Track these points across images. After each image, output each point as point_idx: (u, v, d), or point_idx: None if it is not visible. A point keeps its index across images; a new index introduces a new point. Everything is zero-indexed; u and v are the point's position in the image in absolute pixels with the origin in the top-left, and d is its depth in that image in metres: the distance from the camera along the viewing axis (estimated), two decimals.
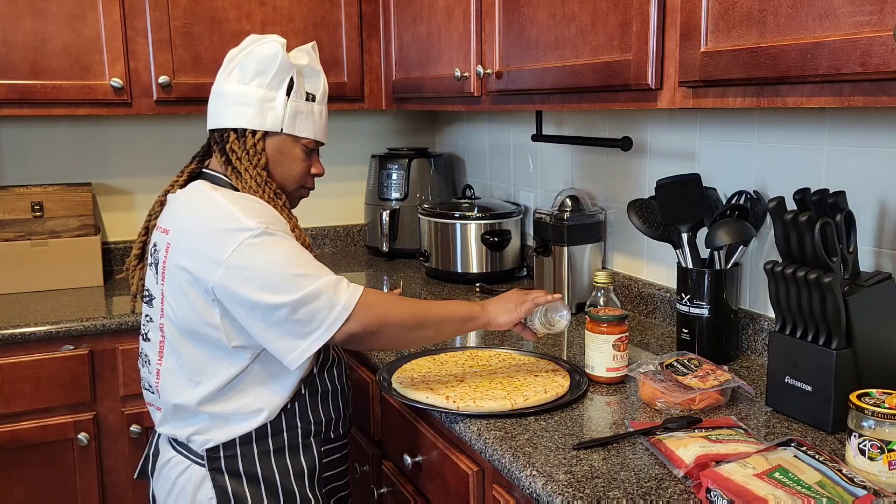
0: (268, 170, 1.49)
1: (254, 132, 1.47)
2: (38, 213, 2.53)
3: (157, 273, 1.46)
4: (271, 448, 1.46)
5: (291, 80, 1.48)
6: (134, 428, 2.23)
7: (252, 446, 1.45)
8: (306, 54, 1.54)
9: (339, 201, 3.15)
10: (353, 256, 3.01)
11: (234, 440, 1.43)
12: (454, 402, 1.46)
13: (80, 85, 2.34)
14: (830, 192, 1.40)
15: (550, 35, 1.74)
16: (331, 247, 3.14)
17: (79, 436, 2.18)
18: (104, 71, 2.36)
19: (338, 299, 1.33)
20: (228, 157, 1.47)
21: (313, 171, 1.58)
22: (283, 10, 2.55)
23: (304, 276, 1.33)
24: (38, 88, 2.30)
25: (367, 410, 1.92)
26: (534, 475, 1.22)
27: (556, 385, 1.53)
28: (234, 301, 1.33)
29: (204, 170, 1.54)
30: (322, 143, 1.58)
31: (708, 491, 1.10)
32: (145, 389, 1.54)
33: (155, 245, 1.48)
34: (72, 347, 2.16)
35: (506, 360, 1.70)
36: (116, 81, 2.34)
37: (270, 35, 1.50)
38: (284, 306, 1.30)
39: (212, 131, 1.52)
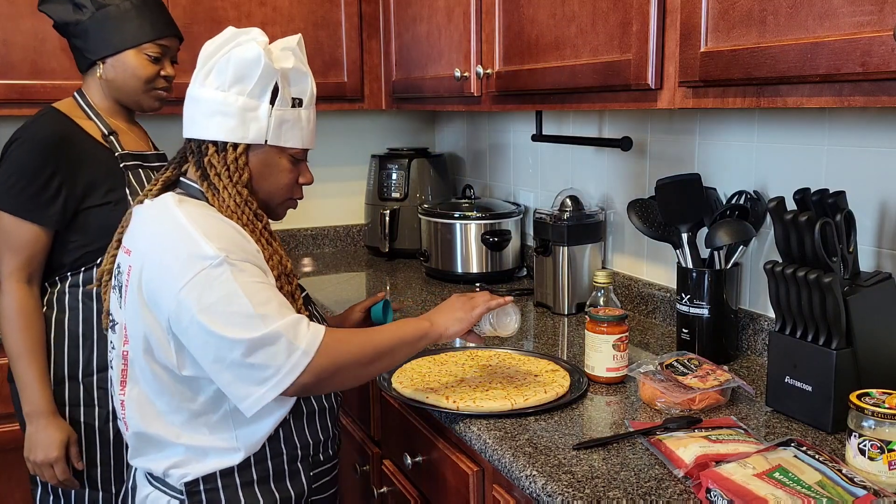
0: (251, 186, 1.37)
1: (235, 146, 1.34)
2: None
3: (120, 297, 1.36)
4: (255, 478, 1.36)
5: (276, 86, 1.34)
6: None
7: (234, 478, 1.35)
8: (292, 54, 1.37)
9: (339, 201, 3.15)
10: (353, 256, 3.01)
11: (214, 473, 1.33)
12: (454, 402, 1.46)
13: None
14: (830, 192, 1.40)
15: (550, 35, 1.74)
16: (331, 247, 3.14)
17: None
18: None
19: (298, 342, 1.22)
20: (206, 171, 1.34)
21: (302, 180, 1.45)
22: (283, 10, 2.55)
23: (263, 316, 1.21)
24: (38, 88, 2.30)
25: (367, 410, 1.92)
26: (534, 475, 1.22)
27: (556, 385, 1.53)
28: (188, 335, 1.23)
29: (181, 178, 1.41)
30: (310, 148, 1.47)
31: (708, 491, 1.10)
32: (119, 419, 1.44)
33: (118, 266, 1.38)
34: None
35: (506, 360, 1.70)
36: None
37: (251, 30, 1.35)
38: (240, 344, 1.19)
39: (188, 140, 1.39)
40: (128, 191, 1.76)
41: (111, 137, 1.80)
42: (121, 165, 1.78)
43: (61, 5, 1.77)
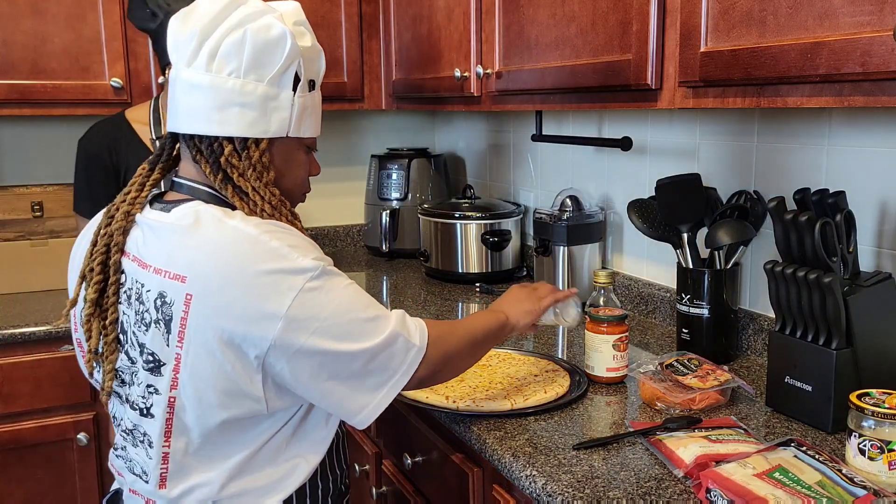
0: (276, 185, 1.21)
1: (257, 141, 1.16)
2: (38, 213, 2.53)
3: (168, 333, 1.11)
4: None
5: (298, 70, 1.17)
6: None
7: None
8: (305, 30, 1.21)
9: (339, 201, 3.15)
10: (353, 256, 3.01)
11: None
12: (454, 402, 1.46)
13: (80, 85, 2.34)
14: (830, 192, 1.40)
15: (550, 35, 1.74)
16: (331, 247, 3.14)
17: (79, 436, 2.18)
18: (104, 71, 2.36)
19: (413, 340, 1.15)
20: (227, 173, 1.16)
21: (313, 171, 1.32)
22: None
23: (376, 318, 1.12)
24: (38, 88, 2.30)
25: None
26: (534, 475, 1.22)
27: (556, 385, 1.53)
28: (298, 359, 1.08)
29: (175, 179, 1.22)
30: None
31: (708, 491, 1.10)
32: (134, 475, 1.23)
33: (162, 296, 1.11)
34: (71, 347, 2.16)
35: (506, 360, 1.70)
36: (116, 81, 2.34)
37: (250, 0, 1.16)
38: (363, 354, 1.10)
39: (189, 136, 1.18)
40: None
41: (157, 142, 1.88)
42: None
43: (142, 11, 1.87)
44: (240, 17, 1.13)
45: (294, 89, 1.17)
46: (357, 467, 1.94)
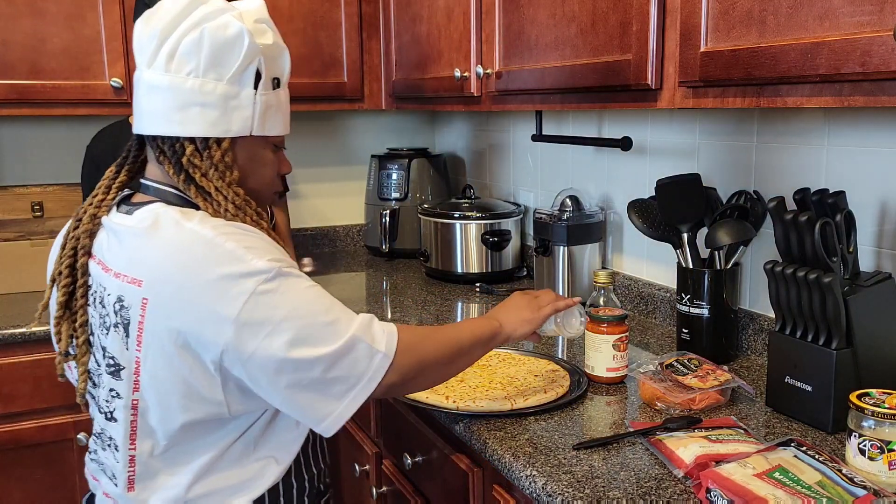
0: (241, 184, 1.19)
1: (219, 141, 1.15)
2: (38, 213, 2.53)
3: (126, 336, 1.11)
4: None
5: (258, 67, 1.17)
6: None
7: None
8: (267, 28, 1.21)
9: (338, 201, 3.15)
10: (352, 256, 3.01)
11: None
12: (454, 402, 1.46)
13: (80, 85, 2.34)
14: (830, 192, 1.40)
15: (550, 35, 1.74)
16: (330, 247, 3.14)
17: (78, 436, 2.18)
18: (104, 71, 2.36)
19: (377, 346, 1.11)
20: (189, 174, 1.15)
21: (284, 170, 1.29)
22: (283, 10, 2.55)
23: (335, 322, 1.08)
24: (38, 88, 2.30)
25: (367, 410, 1.92)
26: (534, 475, 1.22)
27: (556, 385, 1.53)
28: (252, 365, 1.06)
29: (142, 181, 1.21)
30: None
31: (708, 491, 1.10)
32: (107, 478, 1.22)
33: (121, 300, 1.11)
34: None
35: (505, 360, 1.70)
36: (116, 81, 2.34)
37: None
38: (321, 361, 1.06)
39: (152, 137, 1.17)
40: None
41: None
42: None
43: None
44: (199, 16, 1.13)
45: (255, 87, 1.17)
46: (357, 467, 1.94)
